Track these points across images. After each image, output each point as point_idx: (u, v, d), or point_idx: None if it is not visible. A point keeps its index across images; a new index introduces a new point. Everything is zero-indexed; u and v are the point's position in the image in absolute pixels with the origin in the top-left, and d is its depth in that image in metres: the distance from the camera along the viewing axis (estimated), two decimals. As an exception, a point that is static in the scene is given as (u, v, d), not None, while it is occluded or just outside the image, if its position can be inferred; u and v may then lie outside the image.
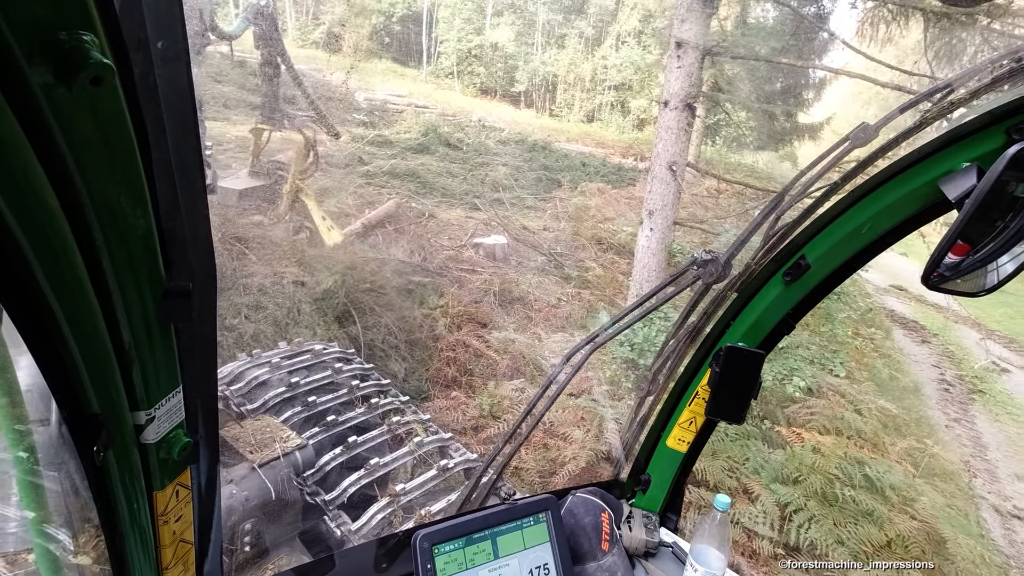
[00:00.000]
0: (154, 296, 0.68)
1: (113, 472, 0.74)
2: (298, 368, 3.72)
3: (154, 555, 0.89)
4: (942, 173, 0.97)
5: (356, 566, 1.34)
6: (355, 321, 5.90)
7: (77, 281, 0.57)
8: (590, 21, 28.43)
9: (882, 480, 5.19)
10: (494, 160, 13.92)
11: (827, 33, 10.13)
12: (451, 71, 29.27)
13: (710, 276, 1.24)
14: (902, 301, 12.30)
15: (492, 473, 1.46)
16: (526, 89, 29.07)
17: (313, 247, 6.86)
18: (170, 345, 0.75)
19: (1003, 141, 0.90)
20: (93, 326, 0.62)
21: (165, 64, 0.60)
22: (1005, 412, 8.19)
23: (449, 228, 9.67)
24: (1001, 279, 0.94)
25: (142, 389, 0.73)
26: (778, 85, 11.63)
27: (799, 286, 1.18)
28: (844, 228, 1.10)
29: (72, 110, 0.49)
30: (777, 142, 12.72)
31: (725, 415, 1.31)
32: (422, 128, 14.28)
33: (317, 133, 7.39)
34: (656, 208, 7.10)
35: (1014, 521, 6.16)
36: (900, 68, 7.57)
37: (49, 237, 0.52)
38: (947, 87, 0.95)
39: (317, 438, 3.17)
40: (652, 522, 1.51)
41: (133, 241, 0.62)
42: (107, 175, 0.56)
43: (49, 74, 0.45)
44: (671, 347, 1.34)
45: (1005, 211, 0.91)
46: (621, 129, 25.64)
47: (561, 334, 7.37)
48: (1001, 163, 0.87)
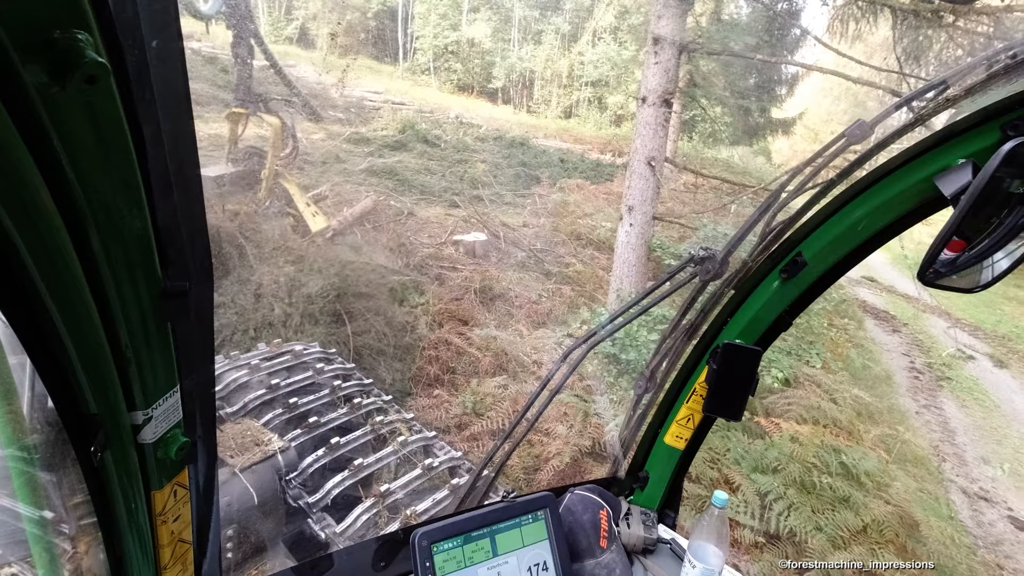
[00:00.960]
0: (151, 296, 0.68)
1: (111, 472, 0.74)
2: (278, 369, 3.66)
3: (152, 555, 0.89)
4: (938, 170, 0.98)
5: (355, 565, 1.34)
6: (335, 321, 5.81)
7: (73, 281, 0.57)
8: (566, 17, 28.48)
9: (857, 467, 5.34)
10: (472, 157, 13.86)
11: (799, 29, 10.33)
12: (428, 67, 29.02)
13: (707, 273, 1.24)
14: (873, 292, 12.64)
15: (491, 471, 1.45)
16: (503, 85, 29.00)
17: (297, 235, 6.73)
18: (167, 345, 0.75)
19: (998, 137, 0.91)
20: (90, 326, 0.62)
21: (160, 63, 0.59)
22: (971, 398, 8.48)
23: (428, 226, 9.60)
24: (996, 275, 0.95)
25: (139, 389, 0.73)
26: (752, 81, 11.82)
27: (796, 283, 1.19)
28: (840, 225, 1.11)
29: (67, 109, 0.49)
30: (751, 137, 12.93)
31: (723, 412, 1.32)
32: (399, 125, 14.14)
33: (295, 119, 7.22)
34: (635, 203, 7.15)
35: (981, 503, 6.38)
36: (869, 64, 7.76)
37: (45, 237, 0.52)
38: (942, 84, 0.96)
39: (299, 440, 3.13)
40: (650, 519, 1.51)
41: (129, 240, 0.62)
42: (103, 174, 0.56)
43: (43, 73, 0.45)
44: (668, 344, 1.34)
45: (1000, 207, 0.93)
46: (599, 125, 25.77)
47: (543, 330, 7.38)
48: (996, 159, 0.88)
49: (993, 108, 0.90)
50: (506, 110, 26.72)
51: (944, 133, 0.96)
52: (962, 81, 0.94)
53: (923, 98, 1.00)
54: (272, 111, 6.92)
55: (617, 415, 5.42)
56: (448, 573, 1.22)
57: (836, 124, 26.21)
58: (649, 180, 7.04)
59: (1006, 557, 5.54)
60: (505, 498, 1.35)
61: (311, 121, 7.56)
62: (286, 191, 7.08)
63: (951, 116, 0.99)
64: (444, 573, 1.21)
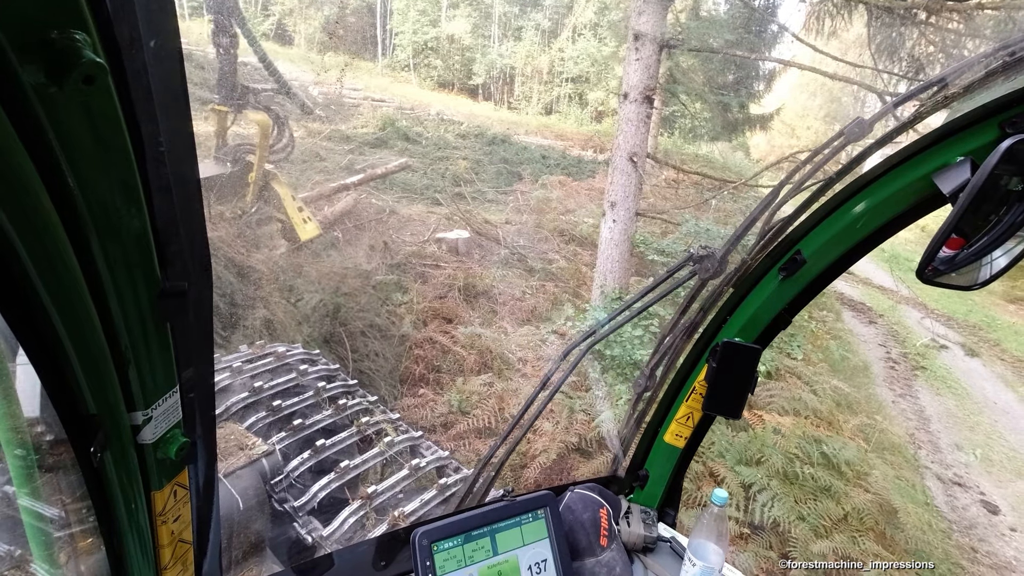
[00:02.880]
0: (150, 296, 0.68)
1: (111, 473, 0.74)
2: (261, 372, 3.60)
3: (153, 555, 0.90)
4: (936, 167, 0.99)
5: (355, 564, 1.34)
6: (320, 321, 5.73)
7: (72, 282, 0.58)
8: (546, 13, 28.47)
9: (838, 456, 5.45)
10: (454, 154, 13.78)
11: (776, 26, 10.46)
12: (407, 64, 28.77)
13: (706, 272, 1.24)
14: (850, 284, 12.90)
15: (491, 470, 1.44)
16: (484, 82, 28.90)
17: (283, 242, 6.49)
18: (166, 345, 0.75)
19: (996, 135, 0.92)
20: (89, 326, 0.62)
21: (158, 63, 0.59)
22: (945, 386, 8.72)
23: (411, 223, 9.52)
24: (994, 273, 0.96)
25: (139, 389, 0.73)
26: (731, 77, 11.93)
27: (795, 281, 1.19)
28: (839, 223, 1.12)
29: (65, 110, 0.49)
30: (731, 132, 13.07)
31: (723, 410, 1.32)
32: (380, 122, 13.99)
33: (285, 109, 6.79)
34: (618, 199, 7.18)
35: (955, 488, 6.57)
36: (845, 60, 7.90)
37: (43, 238, 0.52)
38: (941, 81, 0.97)
39: (284, 443, 3.08)
40: (650, 517, 1.51)
41: (128, 240, 0.62)
42: (101, 175, 0.56)
43: (41, 73, 0.45)
44: (668, 343, 1.34)
45: (999, 205, 0.93)
46: (579, 121, 25.83)
47: (527, 327, 7.38)
48: (994, 157, 0.89)
49: (992, 105, 0.91)
50: (487, 106, 26.64)
51: (943, 131, 0.97)
52: (960, 79, 0.95)
53: (921, 96, 1.01)
54: (259, 106, 6.38)
55: (602, 411, 5.45)
56: (448, 572, 1.22)
57: (812, 119, 26.73)
58: (631, 176, 7.07)
59: (979, 540, 5.71)
60: (505, 497, 1.35)
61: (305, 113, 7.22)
62: (277, 195, 6.61)
63: (949, 114, 1.00)
64: (444, 572, 1.22)
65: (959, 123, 0.95)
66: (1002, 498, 6.35)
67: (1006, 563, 5.45)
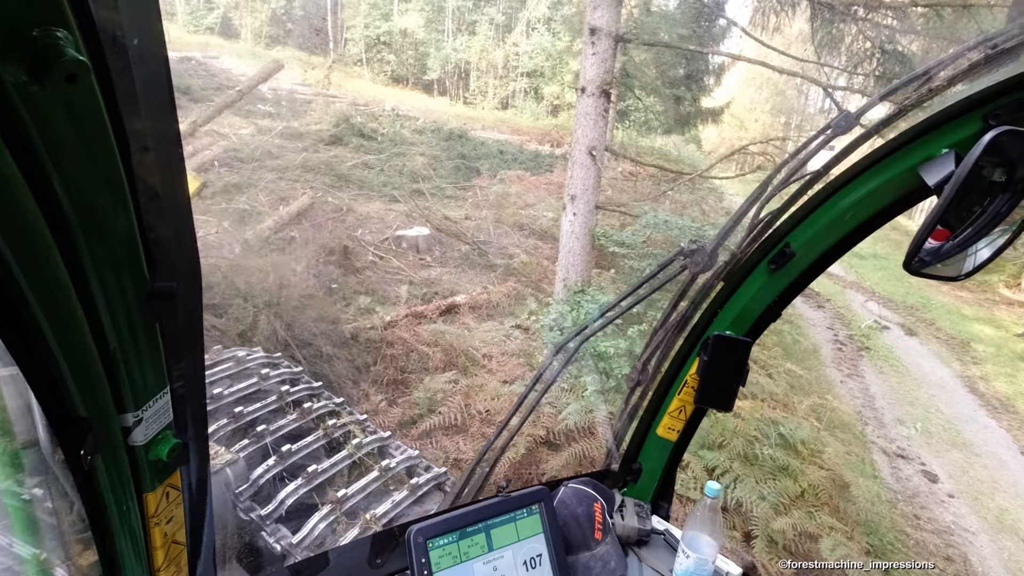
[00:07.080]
0: (138, 297, 0.67)
1: (102, 475, 0.74)
2: (220, 378, 3.46)
3: (146, 558, 0.89)
4: (921, 159, 1.01)
5: (350, 562, 1.33)
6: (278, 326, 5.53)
7: (59, 284, 0.57)
8: (500, 8, 28.31)
9: (793, 436, 5.68)
10: (411, 150, 13.55)
11: (725, 20, 10.75)
12: (360, 59, 28.06)
13: (696, 266, 1.24)
14: (798, 271, 13.46)
15: (485, 466, 1.42)
16: (439, 77, 28.52)
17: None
18: (156, 346, 0.74)
19: (980, 127, 0.95)
20: (77, 329, 0.61)
21: (142, 61, 0.58)
22: (888, 365, 9.24)
23: (369, 221, 9.31)
24: (979, 263, 0.99)
25: (129, 391, 0.72)
26: (682, 71, 12.20)
27: (784, 274, 1.21)
28: (827, 215, 1.14)
29: (47, 109, 0.48)
30: (683, 125, 13.39)
31: (714, 403, 1.34)
32: (333, 119, 13.61)
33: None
34: (578, 193, 7.21)
35: (899, 460, 6.97)
36: (789, 54, 8.20)
37: (28, 240, 0.52)
38: (925, 74, 0.99)
39: (248, 450, 3.00)
40: (644, 510, 1.52)
41: (115, 241, 0.62)
42: (86, 174, 0.55)
43: (22, 72, 0.44)
44: (660, 337, 1.34)
45: (983, 196, 0.97)
46: (535, 116, 25.88)
47: (490, 323, 7.35)
48: (978, 149, 0.91)
49: (975, 97, 0.94)
50: (442, 102, 26.32)
51: (927, 123, 0.99)
52: (944, 72, 0.98)
53: (906, 89, 1.03)
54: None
55: (569, 403, 5.48)
56: (444, 569, 1.22)
57: (760, 112, 27.72)
58: (590, 169, 7.12)
59: (921, 508, 6.09)
60: (499, 493, 1.34)
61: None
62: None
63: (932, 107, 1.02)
64: (440, 569, 1.22)
65: (944, 115, 0.98)
66: (940, 467, 6.79)
67: (945, 528, 5.82)
